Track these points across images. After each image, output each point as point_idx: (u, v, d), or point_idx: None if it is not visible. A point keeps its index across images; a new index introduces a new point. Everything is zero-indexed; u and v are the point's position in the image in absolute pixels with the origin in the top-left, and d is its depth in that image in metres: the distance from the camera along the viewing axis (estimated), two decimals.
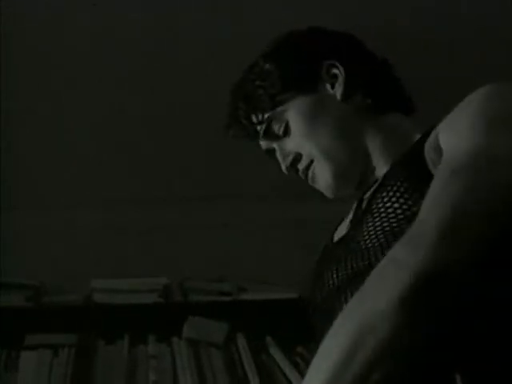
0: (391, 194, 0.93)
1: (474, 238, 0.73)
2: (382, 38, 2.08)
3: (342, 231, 1.09)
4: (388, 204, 0.92)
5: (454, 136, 0.86)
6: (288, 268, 2.36)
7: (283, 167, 1.17)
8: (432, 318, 0.72)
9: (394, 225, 0.89)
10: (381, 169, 1.10)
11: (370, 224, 0.93)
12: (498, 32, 2.14)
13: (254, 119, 1.17)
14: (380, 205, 0.94)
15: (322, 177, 1.13)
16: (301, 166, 1.15)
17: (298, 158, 1.14)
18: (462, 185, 0.76)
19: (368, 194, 1.05)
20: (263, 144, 1.21)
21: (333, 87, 1.14)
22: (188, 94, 2.20)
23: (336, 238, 1.10)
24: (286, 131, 1.15)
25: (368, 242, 0.92)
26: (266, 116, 1.15)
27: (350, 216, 1.09)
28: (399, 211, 0.90)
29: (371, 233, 0.92)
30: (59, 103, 2.31)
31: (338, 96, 1.13)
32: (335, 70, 1.14)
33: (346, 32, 1.20)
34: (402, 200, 0.90)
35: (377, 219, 0.93)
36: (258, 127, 1.17)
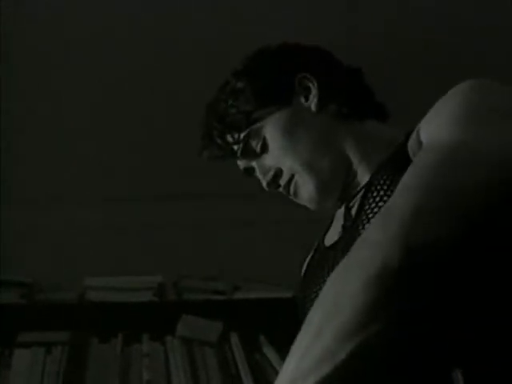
0: (382, 192, 0.94)
1: (444, 221, 0.71)
2: (383, 39, 2.09)
3: (333, 236, 1.08)
4: (380, 203, 0.92)
5: (434, 128, 0.86)
6: (286, 267, 2.36)
7: (264, 184, 1.16)
8: (402, 298, 0.70)
9: None
10: (362, 175, 1.09)
11: (366, 224, 0.93)
12: (498, 32, 2.15)
13: (230, 139, 1.16)
14: (373, 204, 0.94)
15: (306, 190, 1.12)
16: (282, 181, 1.13)
17: (278, 173, 1.13)
18: (440, 174, 0.75)
19: (357, 198, 1.05)
20: (241, 163, 1.20)
21: (307, 99, 1.14)
22: (188, 93, 2.20)
23: (328, 242, 1.10)
24: (264, 148, 1.14)
25: None
26: (243, 135, 1.15)
27: (341, 221, 1.08)
28: None
29: None
30: (59, 103, 2.31)
31: (313, 107, 1.13)
32: (308, 83, 1.14)
33: (314, 45, 1.20)
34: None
35: (372, 219, 0.93)
36: (235, 146, 1.17)
